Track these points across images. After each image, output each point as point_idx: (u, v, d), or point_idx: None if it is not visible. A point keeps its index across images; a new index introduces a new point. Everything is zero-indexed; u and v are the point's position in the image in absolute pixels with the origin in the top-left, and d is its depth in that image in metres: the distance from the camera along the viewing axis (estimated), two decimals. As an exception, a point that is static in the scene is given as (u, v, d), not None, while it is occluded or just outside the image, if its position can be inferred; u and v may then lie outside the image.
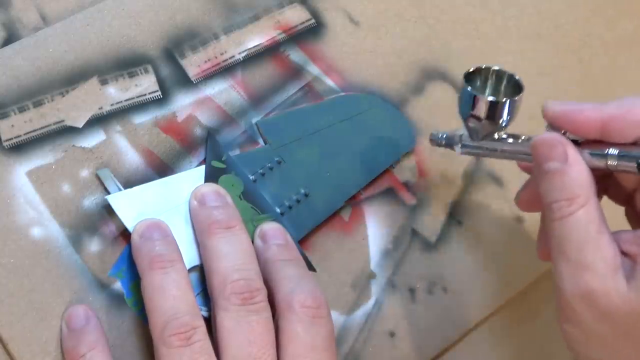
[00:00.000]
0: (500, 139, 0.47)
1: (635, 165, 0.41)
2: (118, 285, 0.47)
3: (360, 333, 0.51)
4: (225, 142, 0.53)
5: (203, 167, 0.51)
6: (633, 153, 0.42)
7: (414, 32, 0.60)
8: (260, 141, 0.54)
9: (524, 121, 0.55)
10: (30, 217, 0.48)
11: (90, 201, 0.49)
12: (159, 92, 0.53)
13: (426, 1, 0.61)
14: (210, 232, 0.47)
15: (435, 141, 0.52)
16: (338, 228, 0.53)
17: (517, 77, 0.47)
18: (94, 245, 0.48)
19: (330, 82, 0.57)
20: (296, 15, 0.58)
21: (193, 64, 0.54)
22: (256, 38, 0.56)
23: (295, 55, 0.57)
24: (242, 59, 0.55)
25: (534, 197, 0.47)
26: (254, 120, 0.54)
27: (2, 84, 0.50)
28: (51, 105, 0.51)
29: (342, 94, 0.56)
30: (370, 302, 0.52)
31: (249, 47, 0.56)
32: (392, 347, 0.51)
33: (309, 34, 0.58)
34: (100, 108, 0.51)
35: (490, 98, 0.46)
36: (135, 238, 0.47)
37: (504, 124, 0.47)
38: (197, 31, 0.55)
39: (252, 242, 0.48)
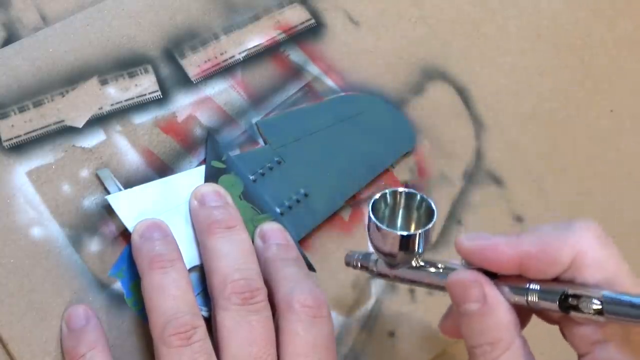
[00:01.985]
0: (417, 267, 0.44)
1: (557, 304, 0.38)
2: (118, 285, 0.47)
3: (360, 333, 0.51)
4: (225, 142, 0.53)
5: (203, 167, 0.51)
6: (554, 289, 0.38)
7: (414, 32, 0.60)
8: (260, 141, 0.54)
9: (524, 121, 0.55)
10: (30, 217, 0.48)
11: (90, 201, 0.49)
12: (159, 92, 0.53)
13: (426, 1, 0.61)
14: (210, 231, 0.47)
15: (350, 263, 0.48)
16: (338, 228, 0.53)
17: (429, 200, 0.44)
18: (94, 245, 0.48)
19: (330, 82, 0.57)
20: (296, 15, 0.58)
21: (193, 64, 0.54)
22: (256, 38, 0.56)
23: (295, 55, 0.57)
24: (242, 59, 0.55)
25: (457, 326, 0.42)
26: (254, 120, 0.54)
27: (2, 84, 0.50)
28: (51, 105, 0.51)
29: (342, 94, 0.56)
30: (370, 302, 0.52)
31: (249, 47, 0.56)
32: (392, 347, 0.51)
33: (309, 34, 0.58)
34: (100, 108, 0.51)
35: (401, 232, 0.43)
36: (135, 238, 0.47)
37: (419, 253, 0.43)
38: (197, 31, 0.55)
39: (252, 242, 0.48)
